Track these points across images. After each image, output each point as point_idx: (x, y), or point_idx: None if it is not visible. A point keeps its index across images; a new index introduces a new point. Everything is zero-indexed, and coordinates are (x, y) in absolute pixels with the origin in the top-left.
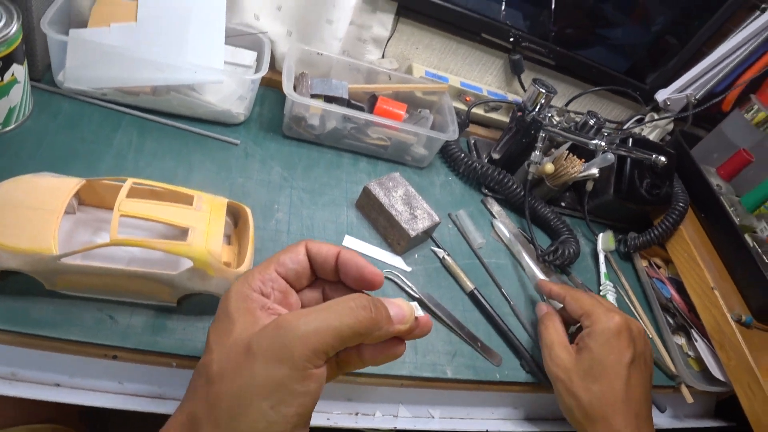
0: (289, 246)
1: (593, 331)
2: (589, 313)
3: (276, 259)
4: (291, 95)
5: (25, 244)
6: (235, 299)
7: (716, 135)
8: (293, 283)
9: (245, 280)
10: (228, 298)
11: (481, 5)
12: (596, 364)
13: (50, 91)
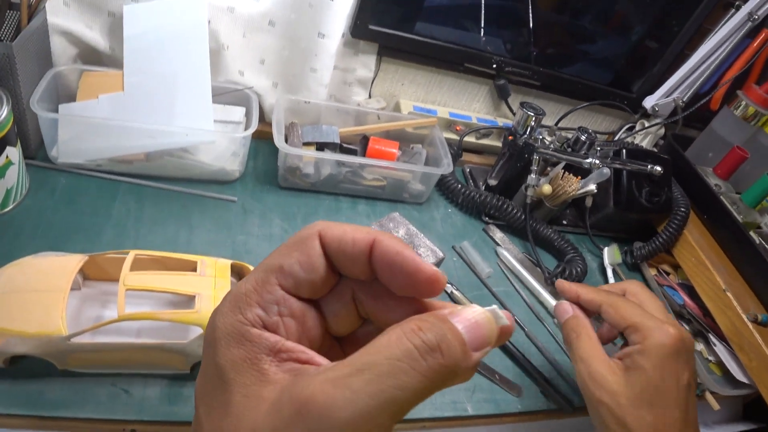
0: (295, 237)
1: (646, 349)
2: (637, 326)
3: (278, 265)
4: (283, 147)
5: (33, 328)
6: (225, 344)
7: (708, 134)
8: (308, 296)
9: (236, 308)
10: (214, 341)
11: (460, 36)
12: (651, 388)
13: (46, 168)
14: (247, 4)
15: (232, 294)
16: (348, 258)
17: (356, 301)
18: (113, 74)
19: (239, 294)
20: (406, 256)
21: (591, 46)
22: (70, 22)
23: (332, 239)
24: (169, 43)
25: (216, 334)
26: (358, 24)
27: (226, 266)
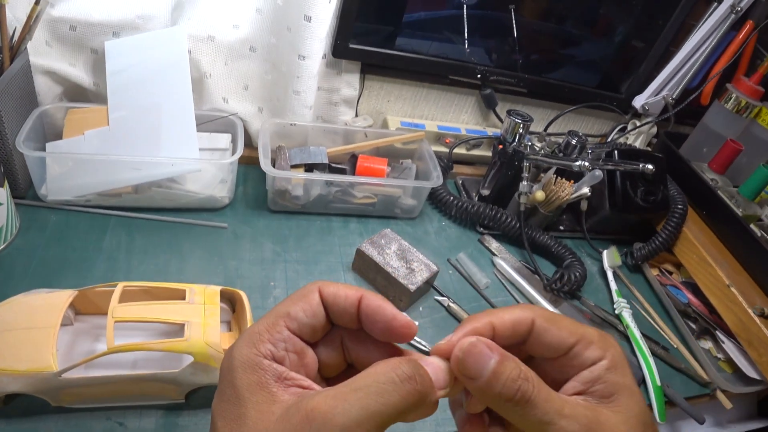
0: (299, 292)
1: (615, 363)
2: (589, 337)
3: (285, 311)
4: (270, 171)
5: (24, 365)
6: (242, 371)
7: (701, 129)
8: (308, 338)
9: (251, 344)
10: (232, 368)
11: (443, 48)
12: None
13: (35, 206)
14: (227, 32)
15: (247, 332)
16: (341, 309)
17: (344, 346)
18: (98, 109)
19: (254, 332)
20: (385, 308)
21: (576, 50)
22: (53, 62)
23: (329, 294)
24: (151, 76)
25: (234, 362)
26: (339, 43)
27: (215, 293)
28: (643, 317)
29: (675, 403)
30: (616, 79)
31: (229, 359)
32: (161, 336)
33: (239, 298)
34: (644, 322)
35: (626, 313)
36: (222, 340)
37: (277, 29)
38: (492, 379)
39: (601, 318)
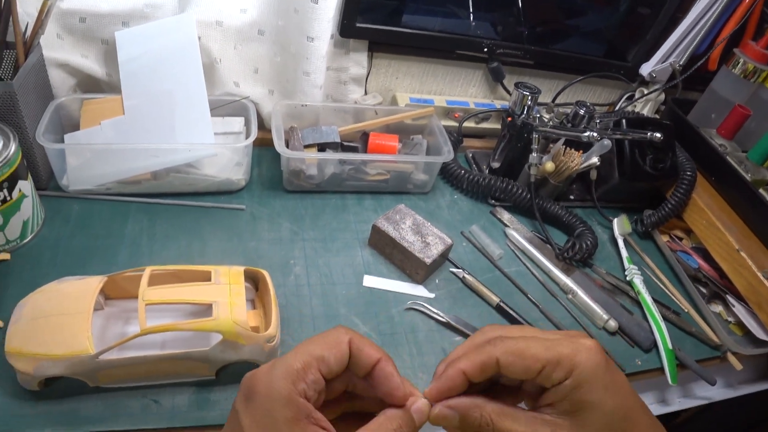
0: (331, 336)
1: (582, 380)
2: (554, 359)
3: (320, 355)
4: (284, 152)
5: (62, 350)
6: (281, 405)
7: (709, 95)
8: (328, 378)
9: (290, 381)
10: (272, 398)
11: (449, 24)
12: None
13: (58, 197)
14: (235, 17)
15: (284, 367)
16: (361, 363)
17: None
18: (112, 99)
19: (291, 370)
20: (392, 380)
21: (581, 19)
22: (66, 54)
23: (356, 348)
24: (162, 64)
25: (273, 394)
26: (346, 23)
27: (239, 272)
28: (654, 283)
29: (686, 365)
30: (622, 47)
31: (267, 388)
32: (189, 317)
33: (262, 277)
34: (655, 287)
35: (637, 280)
36: (248, 318)
37: (284, 12)
38: (460, 428)
39: (612, 285)
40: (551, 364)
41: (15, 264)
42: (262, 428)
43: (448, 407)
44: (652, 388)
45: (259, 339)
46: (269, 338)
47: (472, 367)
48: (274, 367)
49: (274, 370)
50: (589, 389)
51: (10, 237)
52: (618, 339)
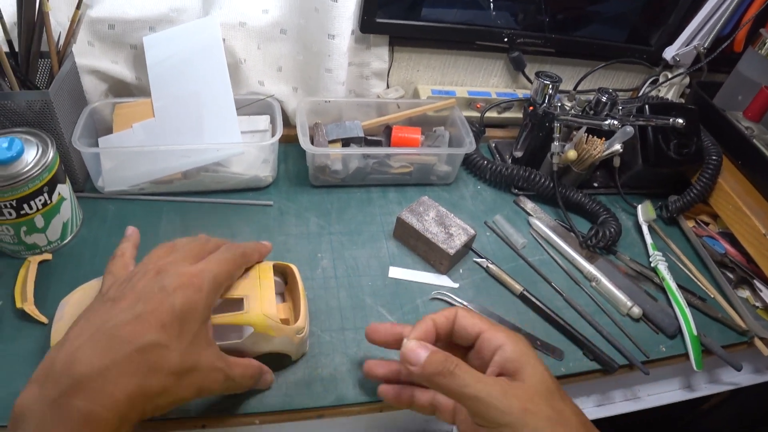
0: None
1: (518, 344)
2: (493, 327)
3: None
4: (309, 149)
5: None
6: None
7: (735, 77)
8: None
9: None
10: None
11: (468, 15)
12: (548, 376)
13: (95, 198)
14: (257, 17)
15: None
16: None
17: None
18: (143, 102)
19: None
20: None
21: (602, 5)
22: (97, 61)
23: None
24: (189, 66)
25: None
26: (366, 19)
27: (268, 267)
28: (679, 269)
29: (712, 351)
30: (645, 31)
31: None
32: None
33: (290, 272)
34: (680, 273)
35: (662, 266)
36: (278, 311)
37: (305, 11)
38: (425, 364)
39: (636, 272)
40: (490, 331)
41: (57, 264)
42: (187, 311)
43: (418, 342)
44: (678, 374)
45: (288, 331)
46: (298, 330)
47: (439, 318)
48: (203, 276)
49: (203, 278)
50: (524, 352)
51: (51, 238)
52: (642, 325)
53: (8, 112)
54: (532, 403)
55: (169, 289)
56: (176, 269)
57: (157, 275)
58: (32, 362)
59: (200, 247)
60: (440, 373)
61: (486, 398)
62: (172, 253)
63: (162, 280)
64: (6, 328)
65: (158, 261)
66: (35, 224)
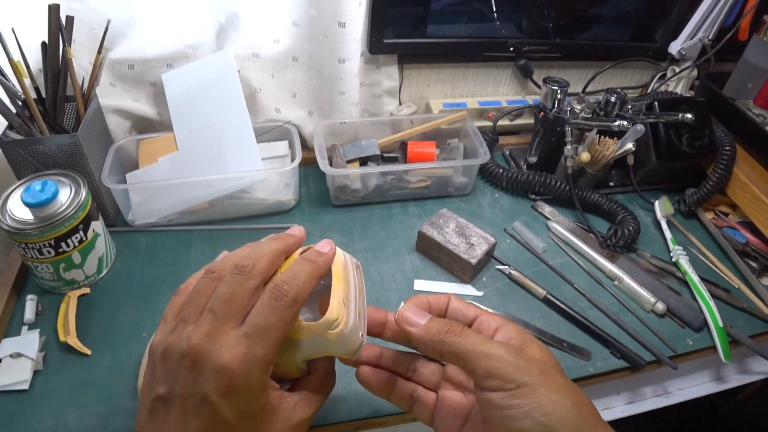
0: (289, 319)
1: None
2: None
3: (279, 339)
4: (328, 170)
5: None
6: (261, 394)
7: (743, 66)
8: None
9: (265, 374)
10: (253, 396)
11: (473, 28)
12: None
13: (126, 231)
14: (269, 47)
15: (258, 362)
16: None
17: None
18: (166, 137)
19: (265, 362)
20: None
21: (605, 6)
22: (120, 100)
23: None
24: (207, 98)
25: (253, 391)
26: (373, 41)
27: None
28: (701, 262)
29: (740, 341)
30: (648, 28)
31: (248, 386)
32: None
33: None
34: (702, 266)
35: (683, 260)
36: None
37: (315, 38)
38: (429, 324)
39: (658, 267)
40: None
41: (94, 297)
42: (244, 418)
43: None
44: (707, 367)
45: (316, 328)
46: (329, 324)
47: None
48: (249, 364)
49: (249, 367)
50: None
51: (88, 273)
52: (667, 321)
53: (40, 156)
54: (545, 369)
55: (213, 398)
56: (213, 359)
57: (193, 369)
58: (78, 393)
59: (231, 292)
60: (449, 331)
61: (504, 355)
62: (198, 311)
63: (201, 381)
64: (51, 361)
65: (190, 333)
66: (73, 261)
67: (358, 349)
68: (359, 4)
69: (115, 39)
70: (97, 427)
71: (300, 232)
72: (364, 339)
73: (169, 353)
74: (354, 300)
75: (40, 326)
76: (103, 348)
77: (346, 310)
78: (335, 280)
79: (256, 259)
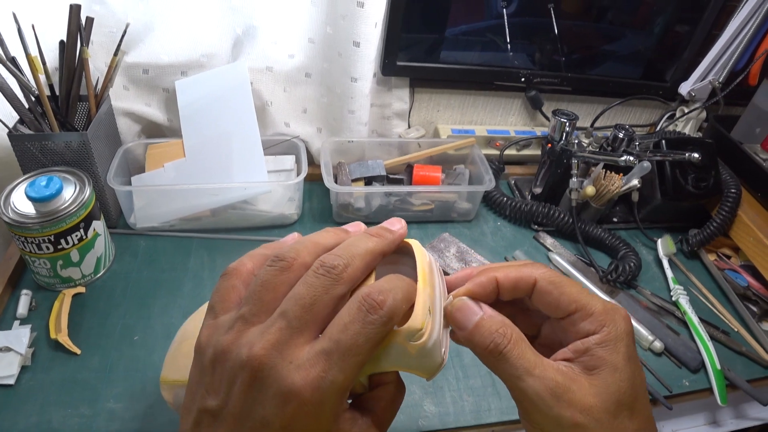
0: (379, 337)
1: (610, 338)
2: (588, 308)
3: (362, 362)
4: (333, 187)
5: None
6: (332, 422)
7: (752, 110)
8: None
9: (342, 401)
10: (323, 422)
11: (487, 56)
12: (627, 387)
13: (127, 234)
14: (283, 62)
15: (336, 387)
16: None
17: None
18: (174, 143)
19: (343, 388)
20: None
21: (617, 44)
22: (131, 103)
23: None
24: (219, 108)
25: (323, 418)
26: (387, 62)
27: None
28: (701, 303)
29: (737, 385)
30: (660, 68)
31: (319, 411)
32: None
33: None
34: (703, 307)
35: (683, 300)
36: None
37: (329, 55)
38: (474, 330)
39: (658, 306)
40: (584, 311)
41: (90, 296)
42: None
43: (469, 301)
44: (702, 410)
45: (397, 337)
46: (412, 333)
47: (506, 279)
48: (324, 392)
49: (324, 395)
50: (614, 350)
51: (85, 272)
52: (664, 359)
53: (48, 152)
54: (588, 415)
55: (274, 426)
56: (280, 378)
57: (252, 385)
58: (64, 392)
59: (312, 296)
60: (488, 350)
61: (534, 398)
62: (264, 310)
63: (261, 402)
64: (40, 358)
65: (252, 340)
66: (71, 258)
67: (438, 368)
68: (375, 25)
69: (133, 43)
70: (80, 427)
71: (402, 227)
72: (446, 357)
73: (223, 359)
74: (439, 310)
75: (32, 322)
76: (93, 348)
77: (432, 319)
78: (421, 283)
79: (349, 260)
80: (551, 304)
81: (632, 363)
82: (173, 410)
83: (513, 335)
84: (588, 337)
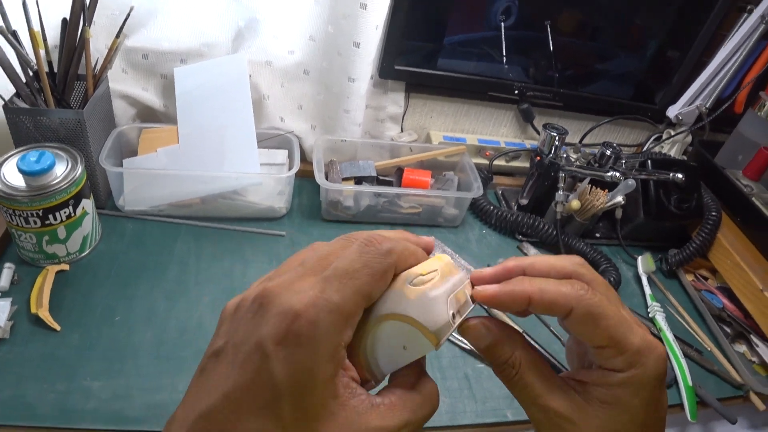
0: (378, 268)
1: (635, 381)
2: (622, 345)
3: (368, 294)
4: (324, 184)
5: None
6: (327, 361)
7: (736, 137)
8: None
9: (341, 332)
10: (319, 353)
11: (482, 67)
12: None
13: (115, 216)
14: (283, 57)
15: (336, 310)
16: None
17: None
18: (168, 129)
19: (343, 314)
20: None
21: (610, 63)
22: (129, 87)
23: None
24: (216, 98)
25: (320, 347)
26: (385, 65)
27: None
28: (677, 321)
29: (707, 403)
30: (650, 90)
31: (313, 338)
32: None
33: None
34: (678, 325)
35: (659, 317)
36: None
37: (328, 54)
38: (484, 352)
39: None
40: (617, 348)
41: (73, 275)
42: (297, 387)
43: (484, 325)
44: (672, 425)
45: (396, 284)
46: (411, 277)
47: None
48: (318, 308)
49: (318, 312)
50: (634, 394)
51: (70, 250)
52: None
53: (42, 128)
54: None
55: (267, 346)
56: (281, 302)
57: (258, 311)
58: (41, 367)
59: (328, 251)
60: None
61: (537, 426)
62: (299, 264)
63: (260, 324)
64: (19, 331)
65: (271, 279)
66: (57, 235)
67: (444, 328)
68: (376, 27)
69: (134, 27)
70: (54, 403)
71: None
72: (456, 323)
73: (241, 305)
74: (453, 283)
75: (13, 295)
76: (73, 326)
77: (440, 278)
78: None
79: (395, 243)
80: (584, 334)
81: (650, 409)
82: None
83: (522, 365)
84: (613, 373)
